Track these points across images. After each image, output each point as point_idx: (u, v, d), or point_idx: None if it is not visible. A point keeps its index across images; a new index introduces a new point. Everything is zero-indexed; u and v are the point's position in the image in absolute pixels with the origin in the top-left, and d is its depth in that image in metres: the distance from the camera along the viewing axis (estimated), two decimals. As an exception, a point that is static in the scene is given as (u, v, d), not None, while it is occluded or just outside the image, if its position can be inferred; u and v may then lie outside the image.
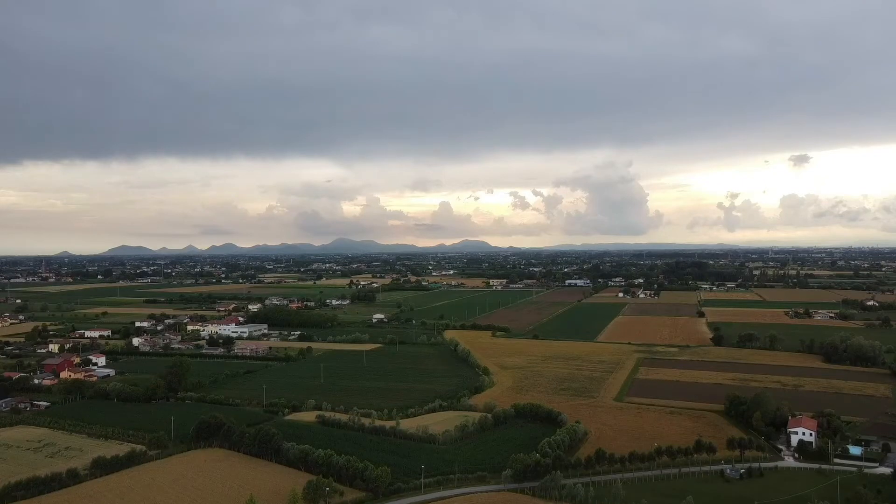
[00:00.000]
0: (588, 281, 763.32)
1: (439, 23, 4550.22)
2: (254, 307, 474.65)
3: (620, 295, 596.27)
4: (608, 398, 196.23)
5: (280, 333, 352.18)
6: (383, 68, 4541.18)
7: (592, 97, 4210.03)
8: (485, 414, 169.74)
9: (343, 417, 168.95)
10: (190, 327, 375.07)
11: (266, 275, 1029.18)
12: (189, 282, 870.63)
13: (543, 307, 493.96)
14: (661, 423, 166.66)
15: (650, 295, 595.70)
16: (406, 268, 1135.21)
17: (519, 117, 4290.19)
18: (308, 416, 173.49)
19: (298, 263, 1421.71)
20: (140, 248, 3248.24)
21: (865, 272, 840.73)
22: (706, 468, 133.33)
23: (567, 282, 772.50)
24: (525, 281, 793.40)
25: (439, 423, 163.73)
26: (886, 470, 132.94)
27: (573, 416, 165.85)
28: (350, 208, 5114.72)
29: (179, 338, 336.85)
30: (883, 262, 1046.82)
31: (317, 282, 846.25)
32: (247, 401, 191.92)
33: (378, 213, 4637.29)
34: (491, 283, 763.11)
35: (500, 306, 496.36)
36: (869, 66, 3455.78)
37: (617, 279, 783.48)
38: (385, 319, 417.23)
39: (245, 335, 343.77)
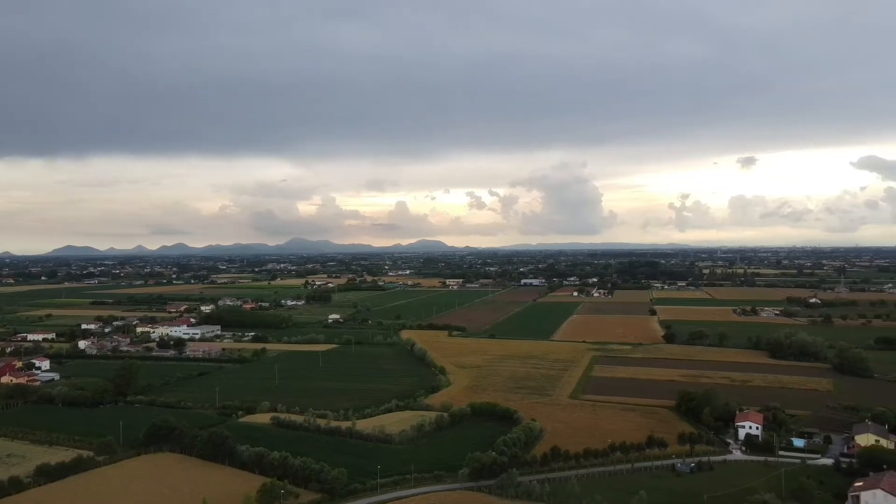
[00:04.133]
0: (543, 280, 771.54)
1: (399, 22, 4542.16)
2: (206, 308, 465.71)
3: (575, 294, 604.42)
4: (563, 396, 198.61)
5: (234, 335, 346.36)
6: (341, 67, 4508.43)
7: (549, 98, 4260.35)
8: (441, 413, 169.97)
9: (298, 419, 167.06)
10: (139, 329, 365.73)
11: (219, 275, 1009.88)
12: (138, 283, 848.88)
13: (499, 307, 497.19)
14: (615, 419, 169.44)
15: (604, 294, 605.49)
16: (362, 268, 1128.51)
17: (477, 118, 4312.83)
18: (263, 418, 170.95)
19: (253, 264, 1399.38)
20: (87, 248, 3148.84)
21: (808, 271, 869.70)
22: (658, 463, 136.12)
23: (523, 281, 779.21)
24: (481, 280, 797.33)
25: (396, 422, 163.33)
26: (828, 461, 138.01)
27: (529, 415, 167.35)
28: (305, 208, 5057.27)
29: (128, 340, 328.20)
30: (824, 262, 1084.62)
31: (271, 282, 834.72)
32: (199, 404, 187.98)
33: (334, 212, 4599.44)
34: (447, 283, 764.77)
35: (456, 306, 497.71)
36: (812, 72, 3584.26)
37: (572, 278, 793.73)
38: (341, 320, 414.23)
39: (197, 337, 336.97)
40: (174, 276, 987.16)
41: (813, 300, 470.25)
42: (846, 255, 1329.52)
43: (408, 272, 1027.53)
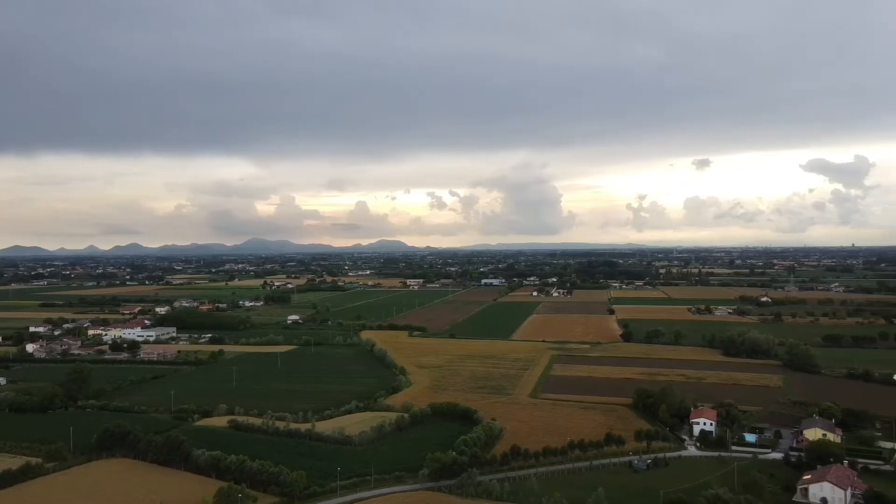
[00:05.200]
0: (503, 280, 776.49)
1: (361, 21, 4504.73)
2: (161, 310, 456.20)
3: (535, 294, 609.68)
4: (523, 395, 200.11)
5: (190, 336, 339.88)
6: (302, 65, 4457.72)
7: (510, 99, 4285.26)
8: (402, 414, 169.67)
9: (257, 421, 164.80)
10: (91, 332, 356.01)
11: (175, 276, 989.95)
12: (90, 284, 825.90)
13: (460, 306, 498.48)
14: (574, 418, 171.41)
15: (563, 293, 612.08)
16: (322, 268, 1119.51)
17: (438, 118, 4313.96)
18: (220, 422, 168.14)
19: (210, 264, 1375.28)
20: (35, 248, 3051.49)
21: (760, 270, 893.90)
22: (616, 460, 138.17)
23: (483, 281, 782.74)
24: (442, 280, 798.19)
25: (356, 424, 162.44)
26: (778, 455, 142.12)
27: (489, 414, 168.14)
28: (264, 207, 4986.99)
29: (79, 343, 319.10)
30: (775, 261, 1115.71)
31: (229, 283, 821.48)
32: (154, 407, 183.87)
33: (293, 212, 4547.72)
34: (408, 283, 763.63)
35: (417, 306, 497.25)
36: (765, 77, 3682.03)
37: (532, 278, 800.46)
38: (300, 320, 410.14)
39: (152, 339, 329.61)
40: (128, 277, 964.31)
41: (764, 299, 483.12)
42: (795, 255, 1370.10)
43: (368, 272, 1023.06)
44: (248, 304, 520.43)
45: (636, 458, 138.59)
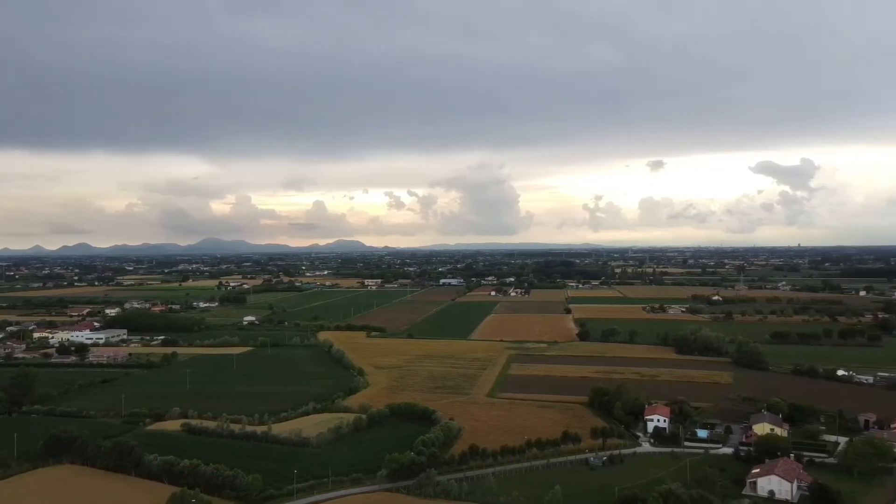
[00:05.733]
0: (462, 280, 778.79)
1: (318, 19, 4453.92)
2: (112, 311, 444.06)
3: (493, 293, 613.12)
4: (481, 395, 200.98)
5: (141, 339, 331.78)
6: (259, 62, 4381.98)
7: (469, 99, 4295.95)
8: (360, 415, 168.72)
9: (211, 425, 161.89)
10: (37, 335, 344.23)
11: (126, 277, 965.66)
12: (36, 285, 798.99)
13: (418, 306, 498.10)
14: (532, 416, 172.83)
15: (521, 293, 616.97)
16: (279, 268, 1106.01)
17: (397, 117, 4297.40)
18: (173, 425, 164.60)
19: (162, 264, 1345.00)
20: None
21: (711, 270, 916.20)
22: (572, 458, 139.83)
23: (441, 281, 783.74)
24: (400, 280, 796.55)
25: (313, 425, 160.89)
26: (728, 450, 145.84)
27: (447, 414, 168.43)
28: (219, 207, 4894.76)
29: (24, 346, 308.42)
30: (726, 261, 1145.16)
31: (183, 283, 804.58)
32: (103, 412, 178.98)
33: (249, 211, 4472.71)
34: (366, 284, 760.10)
35: (375, 306, 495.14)
36: (716, 81, 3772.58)
37: (490, 278, 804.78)
38: (257, 321, 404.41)
39: (101, 342, 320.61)
40: (76, 277, 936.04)
41: (715, 298, 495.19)
42: (745, 255, 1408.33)
43: (325, 273, 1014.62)
44: (202, 305, 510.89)
45: (592, 455, 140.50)
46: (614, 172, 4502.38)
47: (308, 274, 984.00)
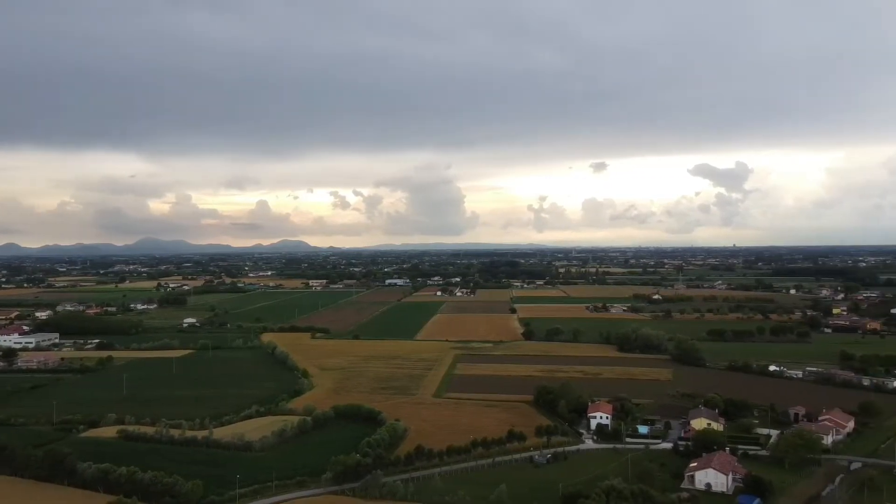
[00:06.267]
0: (408, 280, 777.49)
1: (261, 16, 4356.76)
2: (42, 314, 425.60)
3: (439, 294, 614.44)
4: (427, 395, 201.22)
5: (75, 343, 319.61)
6: (199, 58, 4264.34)
7: (415, 99, 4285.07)
8: (304, 417, 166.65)
9: (150, 430, 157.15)
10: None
11: (58, 278, 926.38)
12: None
13: (364, 307, 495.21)
14: (478, 416, 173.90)
15: (467, 293, 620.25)
16: (221, 269, 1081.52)
17: (342, 117, 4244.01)
18: (108, 432, 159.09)
19: (97, 265, 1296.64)
20: None
21: (652, 269, 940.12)
22: (517, 456, 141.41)
23: (387, 281, 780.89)
24: (345, 281, 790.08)
25: (256, 429, 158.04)
26: (668, 445, 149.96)
27: (393, 415, 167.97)
28: (158, 206, 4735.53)
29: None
30: (666, 261, 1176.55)
31: (119, 285, 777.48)
32: (33, 419, 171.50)
33: (190, 211, 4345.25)
34: (311, 284, 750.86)
35: (320, 307, 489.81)
36: (657, 86, 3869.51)
37: (436, 278, 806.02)
38: (197, 324, 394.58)
39: (31, 346, 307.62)
40: (4, 279, 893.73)
41: (656, 297, 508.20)
42: (684, 255, 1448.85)
43: (269, 273, 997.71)
44: (140, 307, 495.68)
45: (537, 453, 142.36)
46: (558, 174, 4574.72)
47: (251, 275, 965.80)
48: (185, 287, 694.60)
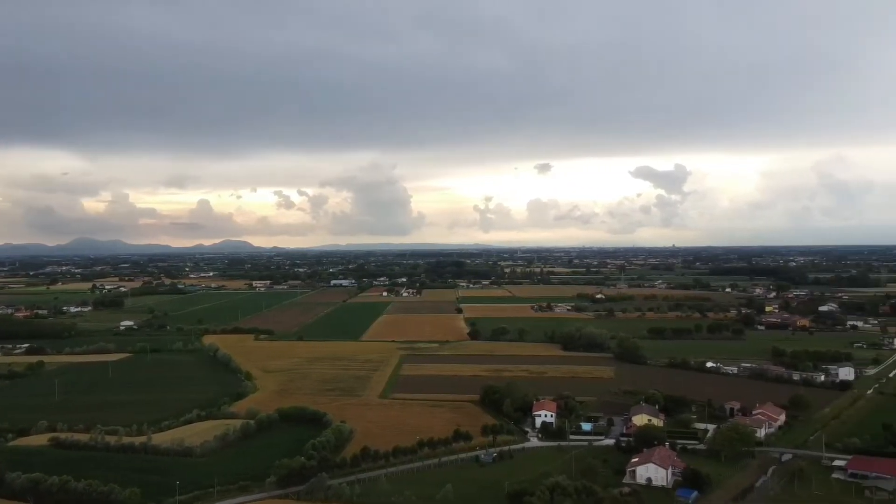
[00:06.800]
0: (354, 281, 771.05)
1: (204, 11, 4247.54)
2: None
3: (385, 294, 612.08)
4: (374, 396, 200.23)
5: (3, 347, 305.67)
6: (137, 52, 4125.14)
7: (361, 99, 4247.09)
8: (247, 420, 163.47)
9: (84, 437, 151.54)
10: None
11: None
12: None
13: (309, 308, 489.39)
14: (424, 416, 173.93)
15: (413, 293, 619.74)
16: (160, 269, 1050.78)
17: (287, 115, 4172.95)
18: (39, 440, 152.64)
19: (27, 266, 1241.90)
20: None
21: (595, 269, 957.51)
22: (463, 455, 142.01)
23: (333, 282, 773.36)
24: (290, 282, 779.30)
25: (197, 434, 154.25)
26: (610, 441, 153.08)
27: (339, 416, 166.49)
28: (93, 205, 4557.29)
29: None
30: (608, 261, 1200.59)
31: (51, 287, 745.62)
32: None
33: (127, 210, 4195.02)
34: (254, 285, 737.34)
35: (264, 308, 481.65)
36: (601, 89, 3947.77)
37: (382, 279, 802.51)
38: (135, 326, 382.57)
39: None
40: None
41: (599, 296, 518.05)
42: (626, 255, 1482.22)
43: (211, 274, 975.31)
44: (73, 309, 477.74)
45: (483, 452, 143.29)
46: (504, 174, 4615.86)
47: (192, 275, 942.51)
48: (122, 289, 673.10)
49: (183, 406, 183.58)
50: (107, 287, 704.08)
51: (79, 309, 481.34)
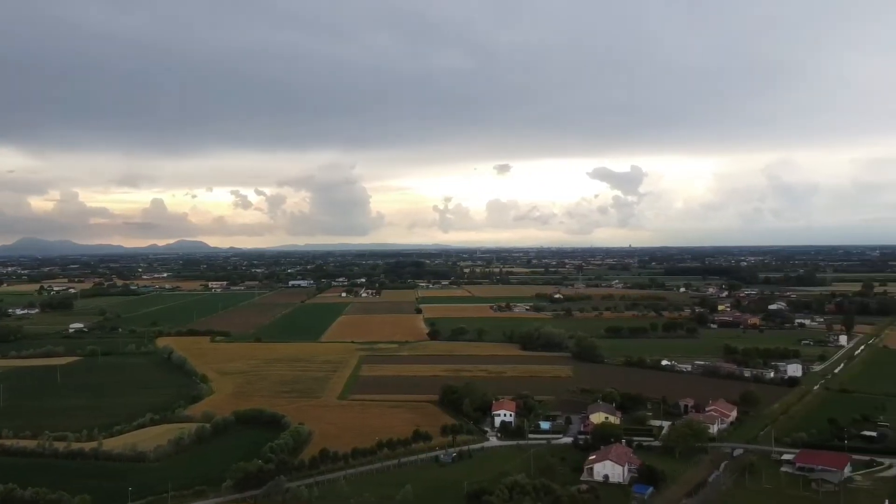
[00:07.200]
0: (312, 281, 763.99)
1: (157, 6, 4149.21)
2: None
3: (344, 295, 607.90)
4: (332, 397, 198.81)
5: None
6: (86, 47, 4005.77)
7: (319, 98, 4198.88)
8: (203, 424, 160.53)
9: (31, 444, 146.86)
10: None
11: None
12: None
13: (267, 309, 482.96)
14: (383, 417, 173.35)
15: (372, 294, 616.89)
16: (112, 270, 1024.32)
17: (244, 114, 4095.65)
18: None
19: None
20: None
21: (553, 269, 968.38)
22: (423, 456, 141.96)
23: (291, 283, 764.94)
24: (247, 282, 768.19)
25: (151, 438, 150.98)
26: (568, 439, 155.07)
27: (297, 418, 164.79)
28: (40, 204, 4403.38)
29: None
30: (566, 261, 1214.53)
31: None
32: None
33: (77, 209, 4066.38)
34: (210, 286, 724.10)
35: (220, 310, 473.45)
36: (560, 90, 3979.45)
37: (340, 279, 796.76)
38: (85, 328, 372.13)
39: None
40: None
41: (557, 296, 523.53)
42: (583, 255, 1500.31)
43: (165, 275, 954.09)
44: (19, 311, 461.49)
45: (442, 452, 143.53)
46: (463, 175, 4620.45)
47: (146, 276, 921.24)
48: (72, 290, 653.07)
49: (136, 410, 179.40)
50: (55, 288, 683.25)
51: (25, 311, 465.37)
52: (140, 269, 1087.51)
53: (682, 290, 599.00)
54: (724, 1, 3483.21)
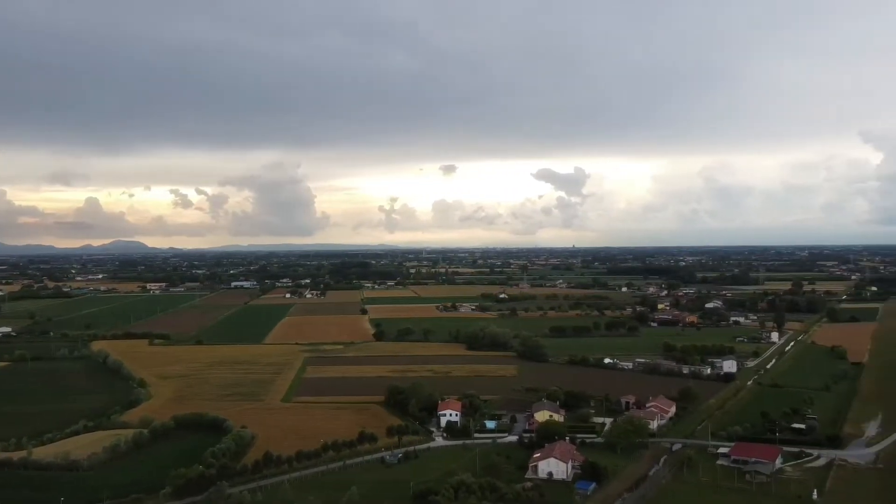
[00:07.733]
0: (255, 282, 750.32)
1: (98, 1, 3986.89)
2: None
3: (288, 296, 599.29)
4: (276, 400, 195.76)
5: None
6: (15, 38, 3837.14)
7: (262, 97, 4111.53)
8: (140, 430, 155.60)
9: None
10: None
11: None
12: None
13: (208, 311, 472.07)
14: (328, 419, 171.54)
15: (317, 295, 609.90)
16: (42, 272, 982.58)
17: (184, 111, 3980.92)
18: None
19: None
20: None
21: (499, 269, 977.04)
22: (368, 457, 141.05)
23: (233, 284, 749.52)
24: (187, 284, 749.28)
25: (84, 446, 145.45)
26: (514, 438, 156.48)
27: (240, 422, 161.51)
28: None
29: None
30: (512, 261, 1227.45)
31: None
32: None
33: (4, 208, 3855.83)
34: (148, 287, 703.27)
35: (159, 312, 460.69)
36: (504, 92, 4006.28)
37: (285, 280, 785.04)
38: (13, 333, 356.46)
39: None
40: None
41: (502, 295, 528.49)
42: (528, 255, 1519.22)
43: (101, 276, 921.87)
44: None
45: (388, 453, 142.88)
46: (409, 175, 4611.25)
47: (79, 278, 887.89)
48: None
49: (68, 417, 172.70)
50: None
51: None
52: (73, 271, 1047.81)
53: (624, 289, 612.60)
54: (665, 8, 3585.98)
